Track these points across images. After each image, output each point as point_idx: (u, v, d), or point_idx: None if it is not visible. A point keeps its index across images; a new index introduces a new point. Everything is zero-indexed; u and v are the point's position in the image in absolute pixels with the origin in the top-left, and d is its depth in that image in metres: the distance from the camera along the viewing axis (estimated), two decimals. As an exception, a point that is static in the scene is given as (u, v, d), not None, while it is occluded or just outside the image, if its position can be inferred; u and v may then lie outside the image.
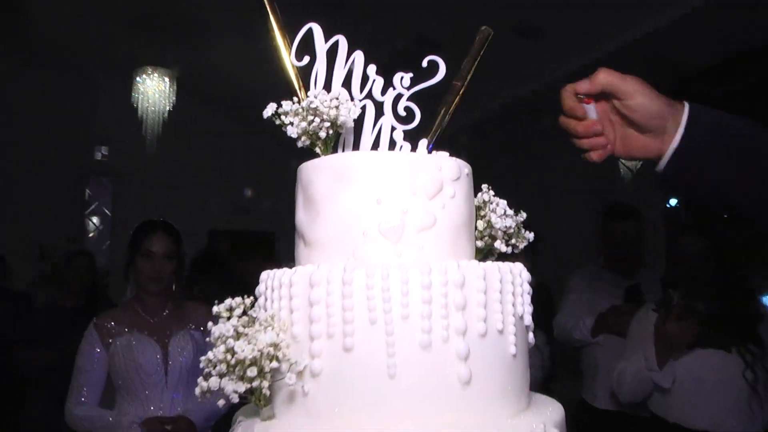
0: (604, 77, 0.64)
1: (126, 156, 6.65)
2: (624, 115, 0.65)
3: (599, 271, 2.65)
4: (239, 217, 7.20)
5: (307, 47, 0.60)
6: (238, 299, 0.52)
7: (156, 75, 5.22)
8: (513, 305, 0.50)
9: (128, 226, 7.07)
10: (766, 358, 1.89)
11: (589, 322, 2.35)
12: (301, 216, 0.57)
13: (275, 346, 0.46)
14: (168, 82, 5.21)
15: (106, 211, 6.54)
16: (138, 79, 5.19)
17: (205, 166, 7.10)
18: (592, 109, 0.65)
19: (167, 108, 5.69)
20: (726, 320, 1.95)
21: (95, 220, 6.57)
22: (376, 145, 0.59)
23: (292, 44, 0.60)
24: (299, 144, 0.56)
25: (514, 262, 0.54)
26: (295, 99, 0.57)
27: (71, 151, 6.67)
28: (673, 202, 3.45)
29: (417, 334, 0.46)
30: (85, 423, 2.05)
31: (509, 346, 0.49)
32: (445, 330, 0.46)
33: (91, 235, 6.44)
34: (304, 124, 0.54)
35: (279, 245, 7.08)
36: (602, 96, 0.66)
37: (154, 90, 5.50)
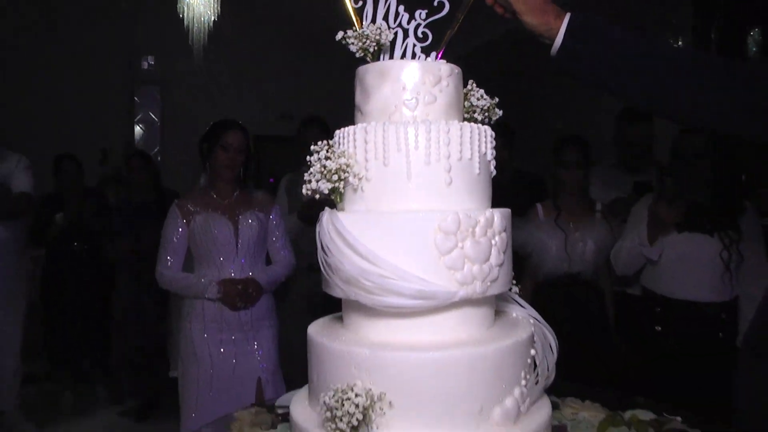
0: None
1: (173, 65, 7.03)
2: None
3: (610, 169, 3.06)
4: (284, 123, 7.64)
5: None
6: (324, 143, 0.96)
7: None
8: (478, 144, 0.93)
9: (175, 133, 7.71)
10: (741, 243, 2.29)
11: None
12: (359, 98, 1.00)
13: (347, 164, 0.91)
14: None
15: (154, 118, 6.98)
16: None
17: (250, 75, 7.46)
18: None
19: (212, 18, 5.91)
20: (712, 209, 2.34)
21: (143, 126, 7.03)
22: (403, 56, 1.01)
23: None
24: (357, 55, 0.99)
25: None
26: (355, 27, 0.99)
27: (119, 60, 7.04)
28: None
29: (423, 157, 0.90)
30: (173, 283, 2.56)
31: (474, 167, 0.93)
32: (438, 155, 0.90)
33: (139, 141, 6.91)
34: (360, 43, 0.97)
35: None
36: None
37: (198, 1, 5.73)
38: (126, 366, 3.76)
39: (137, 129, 6.95)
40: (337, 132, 0.98)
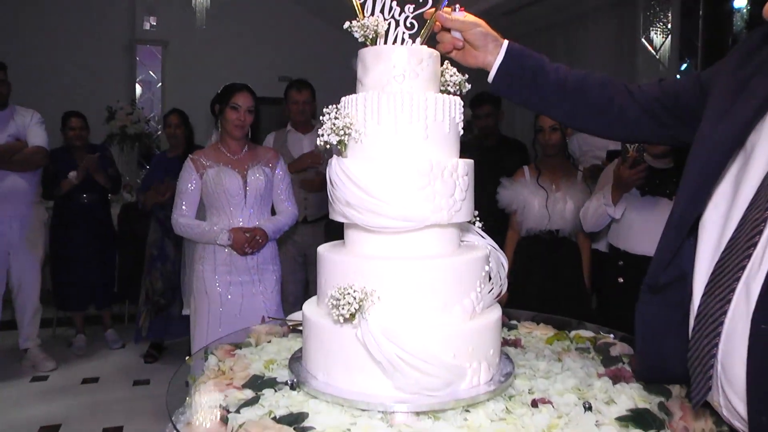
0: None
1: (174, 26, 7.21)
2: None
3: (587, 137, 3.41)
4: (283, 84, 7.89)
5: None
6: (333, 106, 1.28)
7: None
8: (449, 107, 1.26)
9: (176, 94, 8.00)
10: None
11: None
12: (360, 73, 1.32)
13: (350, 123, 1.24)
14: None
15: (155, 77, 7.19)
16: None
17: (251, 37, 7.65)
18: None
19: None
20: (670, 174, 2.67)
21: (145, 86, 7.23)
22: (395, 41, 1.33)
23: (356, -12, 1.32)
24: (359, 40, 1.30)
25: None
26: (359, 18, 1.31)
27: (121, 20, 7.20)
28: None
29: (407, 118, 1.22)
30: (187, 229, 2.88)
31: (445, 127, 1.26)
32: (418, 116, 1.22)
33: (140, 100, 7.13)
34: (362, 32, 1.28)
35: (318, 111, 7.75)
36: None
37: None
38: (151, 308, 4.11)
39: (138, 88, 7.19)
40: (343, 99, 1.30)
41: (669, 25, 4.70)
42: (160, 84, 7.33)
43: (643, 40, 4.86)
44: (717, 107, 1.04)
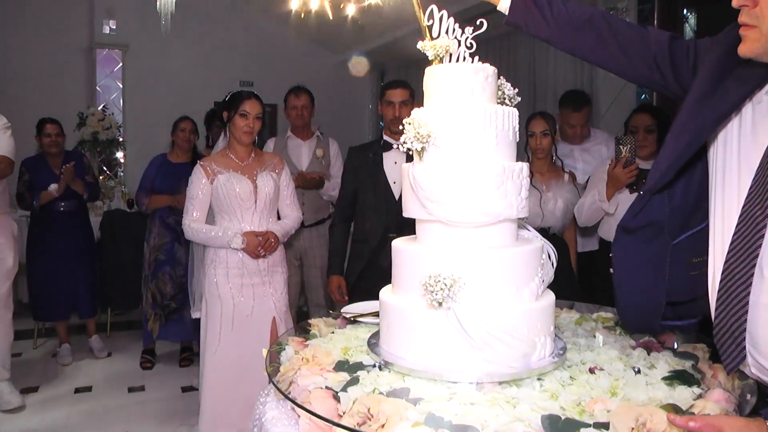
0: None
1: (134, 30, 7.16)
2: None
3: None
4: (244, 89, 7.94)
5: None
6: (414, 117, 1.47)
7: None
8: (511, 118, 1.46)
9: (136, 98, 8.01)
10: None
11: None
12: (431, 86, 1.51)
13: (431, 132, 1.43)
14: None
15: (116, 83, 7.13)
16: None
17: (211, 41, 7.66)
18: None
19: None
20: None
21: (105, 91, 7.15)
22: (457, 59, 1.52)
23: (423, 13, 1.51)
24: (430, 58, 1.49)
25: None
26: (426, 39, 1.50)
27: (80, 24, 7.10)
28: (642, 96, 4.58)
29: (479, 127, 1.42)
30: (200, 234, 2.98)
31: (509, 134, 1.46)
32: (489, 126, 1.43)
33: (100, 105, 7.05)
34: (434, 51, 1.48)
35: (279, 116, 7.87)
36: None
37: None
38: (161, 311, 4.16)
39: (98, 92, 7.10)
40: (419, 110, 1.49)
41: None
42: (120, 88, 7.26)
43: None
44: (701, 88, 1.29)
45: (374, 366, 1.46)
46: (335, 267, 3.18)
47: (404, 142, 1.42)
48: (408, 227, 3.00)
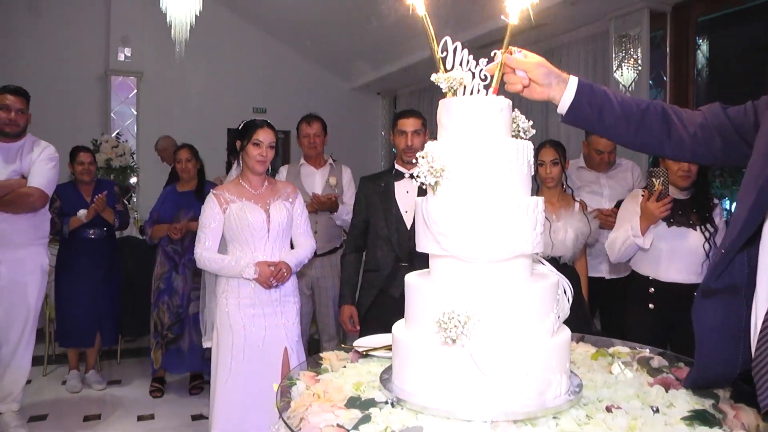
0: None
1: (149, 57, 7.29)
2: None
3: (579, 170, 3.71)
4: (257, 116, 8.04)
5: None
6: (428, 150, 1.48)
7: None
8: (526, 151, 1.47)
9: (151, 125, 8.15)
10: (716, 234, 2.89)
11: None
12: (445, 119, 1.52)
13: (444, 166, 1.43)
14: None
15: (131, 110, 7.24)
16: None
17: (225, 68, 7.79)
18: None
19: (195, 13, 6.16)
20: (690, 205, 2.93)
21: (119, 117, 7.26)
22: (471, 92, 1.53)
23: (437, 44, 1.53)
24: (444, 90, 1.50)
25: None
26: (440, 72, 1.51)
27: (95, 51, 7.26)
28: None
29: (493, 161, 1.43)
30: (212, 263, 2.98)
31: (524, 168, 1.46)
32: (504, 157, 1.43)
33: (116, 131, 7.16)
34: (448, 84, 1.49)
35: (292, 143, 7.92)
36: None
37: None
38: (161, 340, 4.16)
39: (113, 119, 7.22)
40: (432, 143, 1.49)
41: (639, 61, 5.09)
42: (135, 115, 7.38)
43: (615, 75, 5.24)
44: (765, 145, 1.28)
45: (386, 403, 1.45)
46: (347, 297, 3.17)
47: (417, 176, 1.42)
48: (420, 257, 3.00)
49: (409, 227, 2.98)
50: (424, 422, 1.34)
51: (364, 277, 3.16)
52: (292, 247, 3.18)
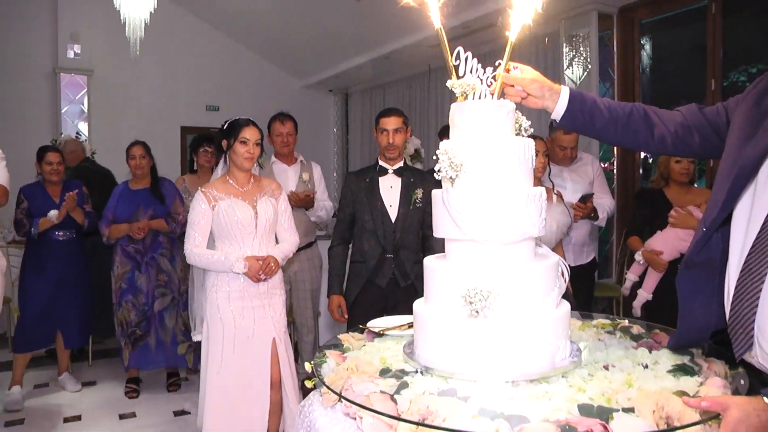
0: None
1: (99, 54, 7.20)
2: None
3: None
4: (210, 114, 8.05)
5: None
6: (445, 146, 1.68)
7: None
8: (529, 148, 1.69)
9: (102, 123, 8.12)
10: None
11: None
12: (458, 119, 1.73)
13: (462, 161, 1.64)
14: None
15: (82, 108, 7.14)
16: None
17: (178, 66, 7.76)
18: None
19: (150, 10, 6.16)
20: None
21: (72, 115, 7.15)
22: (479, 96, 1.75)
23: (451, 53, 1.74)
24: (457, 95, 1.72)
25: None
26: (453, 78, 1.72)
27: (43, 48, 7.11)
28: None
29: (503, 156, 1.65)
30: (202, 259, 3.10)
31: (529, 163, 1.69)
32: (513, 153, 1.65)
33: (65, 131, 7.05)
34: (461, 89, 1.70)
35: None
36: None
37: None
38: (128, 339, 4.20)
39: (64, 118, 7.09)
40: (447, 141, 1.70)
41: (588, 59, 5.46)
42: (85, 114, 7.27)
43: (566, 72, 5.60)
44: (740, 135, 1.55)
45: (416, 372, 1.65)
46: (335, 287, 3.35)
47: (438, 170, 1.63)
48: (404, 248, 3.21)
49: (393, 221, 3.18)
50: (455, 386, 1.55)
51: (351, 268, 3.34)
52: (276, 242, 3.33)
